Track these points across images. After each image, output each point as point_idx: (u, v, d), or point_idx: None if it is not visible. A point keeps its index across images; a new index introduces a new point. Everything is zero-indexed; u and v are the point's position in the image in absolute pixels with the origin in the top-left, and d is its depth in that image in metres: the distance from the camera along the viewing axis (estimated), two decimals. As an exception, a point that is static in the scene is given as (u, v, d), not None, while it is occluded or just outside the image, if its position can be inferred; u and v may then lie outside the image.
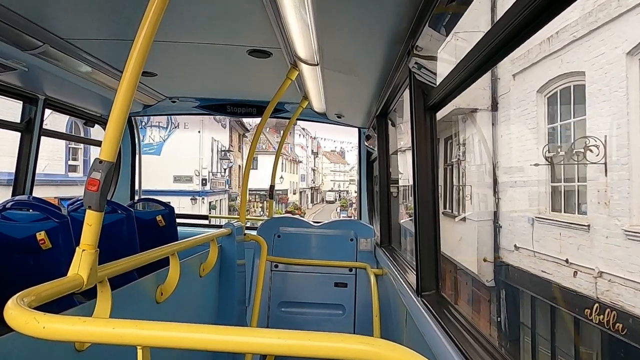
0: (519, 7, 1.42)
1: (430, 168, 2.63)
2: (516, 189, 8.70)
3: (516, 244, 8.31)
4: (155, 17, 1.64)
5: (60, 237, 2.59)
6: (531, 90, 7.96)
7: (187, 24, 2.85)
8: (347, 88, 4.22)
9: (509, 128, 8.89)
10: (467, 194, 10.20)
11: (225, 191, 36.77)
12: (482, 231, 9.31)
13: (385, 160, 4.78)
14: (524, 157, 8.33)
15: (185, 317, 3.16)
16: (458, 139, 10.62)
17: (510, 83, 8.72)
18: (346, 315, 4.95)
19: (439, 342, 1.99)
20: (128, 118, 3.72)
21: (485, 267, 9.12)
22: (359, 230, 5.11)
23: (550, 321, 7.22)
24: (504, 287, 8.62)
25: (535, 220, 7.84)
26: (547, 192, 7.69)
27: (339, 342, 1.22)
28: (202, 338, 1.29)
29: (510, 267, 8.43)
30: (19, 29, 2.74)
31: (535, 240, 7.79)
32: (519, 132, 8.54)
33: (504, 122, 9.05)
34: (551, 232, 7.39)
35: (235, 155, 39.69)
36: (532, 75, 7.97)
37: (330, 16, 2.45)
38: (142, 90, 4.55)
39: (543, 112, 7.83)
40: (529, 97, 8.05)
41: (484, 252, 9.13)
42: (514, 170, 8.79)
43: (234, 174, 39.83)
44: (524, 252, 8.06)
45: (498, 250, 8.93)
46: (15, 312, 1.35)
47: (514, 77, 8.59)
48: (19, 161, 4.06)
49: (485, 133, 9.36)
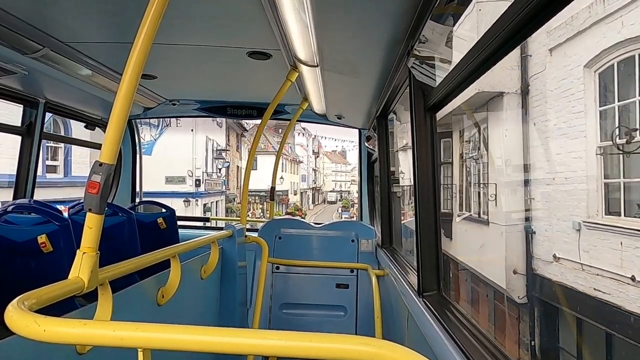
0: (518, 6, 1.42)
1: (431, 168, 2.63)
2: (555, 187, 7.17)
3: (556, 254, 6.92)
4: (155, 19, 1.64)
5: (61, 240, 2.59)
6: (575, 66, 6.54)
7: (186, 27, 2.86)
8: (347, 89, 4.23)
9: (545, 113, 7.43)
10: (491, 193, 8.72)
11: (222, 192, 36.29)
12: (511, 237, 7.89)
13: (385, 161, 4.78)
14: (565, 147, 6.86)
15: (186, 319, 3.16)
16: (479, 129, 9.21)
17: (546, 59, 7.27)
18: (348, 316, 4.95)
19: (441, 343, 1.99)
20: (128, 121, 3.72)
21: (515, 281, 7.75)
22: (360, 231, 5.11)
23: (606, 351, 5.88)
24: (540, 304, 7.30)
25: (583, 226, 6.42)
26: (598, 190, 6.26)
27: (341, 343, 1.22)
28: (203, 340, 1.29)
29: (549, 281, 7.02)
30: (19, 33, 2.74)
31: (583, 251, 6.38)
32: (558, 118, 7.06)
33: (537, 106, 7.63)
34: (607, 241, 6.00)
35: (233, 155, 39.38)
36: (577, 46, 6.55)
37: (330, 17, 2.45)
38: (142, 92, 4.56)
39: (593, 91, 6.32)
40: (573, 75, 6.62)
41: (514, 262, 7.78)
42: (552, 165, 7.28)
43: (232, 174, 39.51)
44: (567, 265, 6.68)
45: (531, 260, 7.52)
46: (16, 315, 1.35)
47: (550, 52, 7.14)
48: (19, 165, 4.06)
49: (514, 120, 8.02)
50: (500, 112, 8.21)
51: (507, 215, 8.23)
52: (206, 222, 7.26)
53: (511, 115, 8.02)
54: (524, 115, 7.83)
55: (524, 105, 7.82)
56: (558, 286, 6.72)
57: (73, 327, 1.34)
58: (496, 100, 8.16)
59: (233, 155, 39.45)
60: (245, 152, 42.15)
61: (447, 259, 9.83)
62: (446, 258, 9.73)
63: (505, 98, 7.99)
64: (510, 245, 7.83)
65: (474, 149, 9.46)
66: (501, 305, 8.11)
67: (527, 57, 7.68)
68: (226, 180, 37.28)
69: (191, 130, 30.01)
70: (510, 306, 7.87)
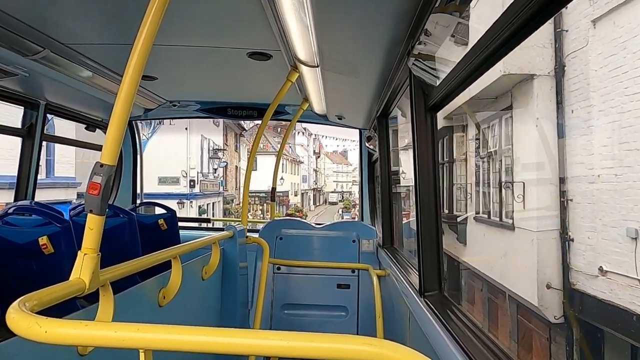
0: (518, 6, 1.41)
1: (432, 168, 2.63)
2: (601, 185, 5.96)
3: (602, 267, 5.81)
4: (155, 20, 1.65)
5: (63, 241, 2.59)
6: (630, 38, 5.45)
7: (187, 27, 2.86)
8: (348, 89, 4.23)
9: (587, 98, 6.29)
10: (518, 193, 7.46)
11: (219, 193, 35.48)
12: (543, 245, 6.70)
13: (386, 161, 4.78)
14: (615, 137, 5.75)
15: (187, 320, 3.16)
16: (500, 120, 8.01)
17: (589, 32, 6.15)
18: (349, 316, 4.95)
19: (443, 343, 1.99)
20: (129, 122, 3.73)
21: (549, 297, 6.56)
22: (361, 231, 5.11)
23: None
24: (581, 326, 6.13)
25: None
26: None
27: (342, 343, 1.22)
28: (204, 341, 1.29)
29: (593, 299, 5.90)
30: (19, 35, 2.74)
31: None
32: (605, 103, 5.91)
33: (576, 90, 6.49)
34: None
35: (232, 155, 38.91)
36: (631, 14, 5.47)
37: (330, 18, 2.45)
38: (143, 94, 4.56)
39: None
40: (627, 49, 5.48)
41: (547, 274, 6.66)
42: (596, 159, 6.05)
43: (230, 174, 38.96)
44: (619, 280, 5.55)
45: (569, 273, 6.37)
46: (17, 317, 1.36)
47: (594, 24, 6.04)
48: (20, 166, 4.07)
49: (546, 107, 6.84)
50: (529, 98, 7.07)
51: (539, 219, 7.00)
52: (207, 223, 7.25)
53: (543, 101, 6.94)
54: (559, 101, 6.63)
55: (558, 90, 6.66)
56: (606, 306, 5.61)
57: (74, 328, 1.34)
58: (524, 85, 7.08)
59: (231, 155, 39.08)
60: (245, 151, 41.81)
61: (460, 266, 8.97)
62: (458, 264, 8.92)
63: (536, 82, 6.92)
64: (543, 255, 6.62)
65: (494, 144, 8.30)
66: (527, 322, 6.97)
67: (562, 33, 6.60)
68: (224, 181, 36.73)
69: (185, 129, 28.87)
70: (539, 325, 6.78)
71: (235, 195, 39.71)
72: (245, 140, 42.30)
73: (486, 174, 8.75)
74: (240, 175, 39.82)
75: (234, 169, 40.27)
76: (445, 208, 10.25)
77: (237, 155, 41.24)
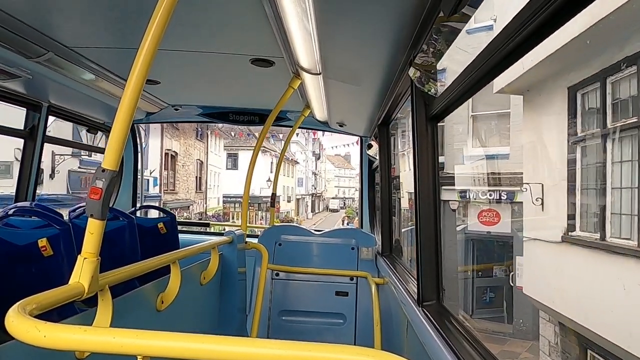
0: (523, 18, 1.42)
1: (432, 178, 2.63)
2: None
3: None
4: (160, 26, 1.65)
5: (62, 244, 2.59)
6: None
7: (191, 33, 2.87)
8: (349, 97, 4.24)
9: None
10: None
11: (158, 196, 26.56)
12: None
13: (387, 169, 4.79)
14: None
15: (185, 325, 3.16)
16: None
17: None
18: (347, 324, 4.93)
19: (440, 353, 1.99)
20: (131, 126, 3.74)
21: None
22: (360, 238, 5.11)
23: None
24: None
25: None
26: None
27: (339, 354, 1.22)
28: (202, 348, 1.30)
29: None
30: (24, 37, 2.76)
31: None
32: None
33: None
34: None
35: (188, 145, 30.57)
36: None
37: (333, 26, 2.47)
38: (145, 97, 4.57)
39: None
40: None
41: None
42: None
43: (184, 171, 30.51)
44: None
45: None
46: (16, 321, 1.36)
47: None
48: (21, 168, 4.07)
49: None
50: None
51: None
52: (207, 228, 7.25)
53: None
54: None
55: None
56: None
57: (73, 333, 1.34)
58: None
59: (188, 145, 31.01)
60: (217, 143, 34.90)
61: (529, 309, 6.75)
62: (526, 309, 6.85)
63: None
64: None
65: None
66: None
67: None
68: (163, 180, 27.95)
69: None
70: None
71: (194, 201, 31.87)
72: (217, 129, 33.47)
73: (572, 171, 6.31)
74: (209, 174, 32.37)
75: (196, 164, 32.14)
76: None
77: (201, 145, 32.38)
